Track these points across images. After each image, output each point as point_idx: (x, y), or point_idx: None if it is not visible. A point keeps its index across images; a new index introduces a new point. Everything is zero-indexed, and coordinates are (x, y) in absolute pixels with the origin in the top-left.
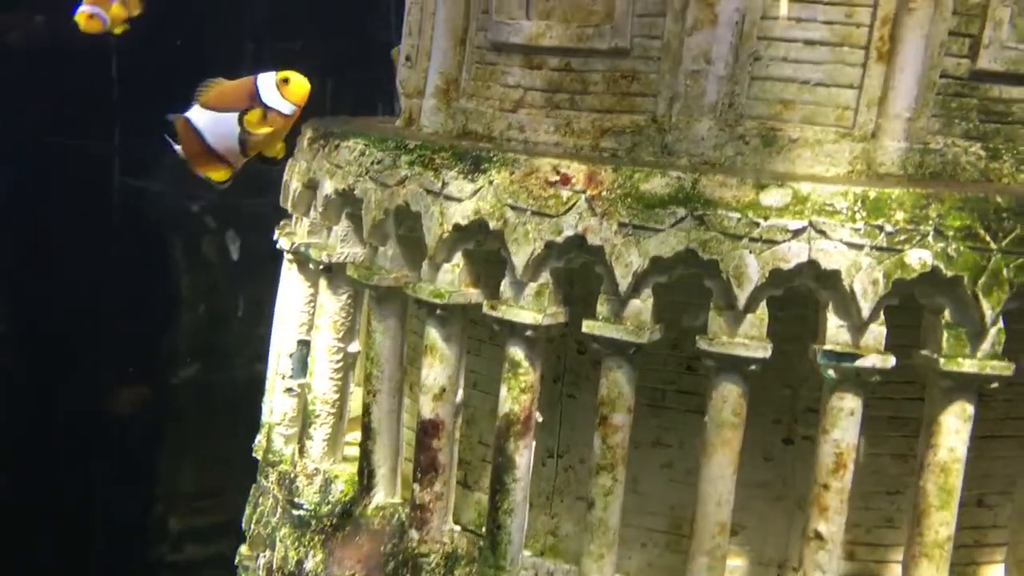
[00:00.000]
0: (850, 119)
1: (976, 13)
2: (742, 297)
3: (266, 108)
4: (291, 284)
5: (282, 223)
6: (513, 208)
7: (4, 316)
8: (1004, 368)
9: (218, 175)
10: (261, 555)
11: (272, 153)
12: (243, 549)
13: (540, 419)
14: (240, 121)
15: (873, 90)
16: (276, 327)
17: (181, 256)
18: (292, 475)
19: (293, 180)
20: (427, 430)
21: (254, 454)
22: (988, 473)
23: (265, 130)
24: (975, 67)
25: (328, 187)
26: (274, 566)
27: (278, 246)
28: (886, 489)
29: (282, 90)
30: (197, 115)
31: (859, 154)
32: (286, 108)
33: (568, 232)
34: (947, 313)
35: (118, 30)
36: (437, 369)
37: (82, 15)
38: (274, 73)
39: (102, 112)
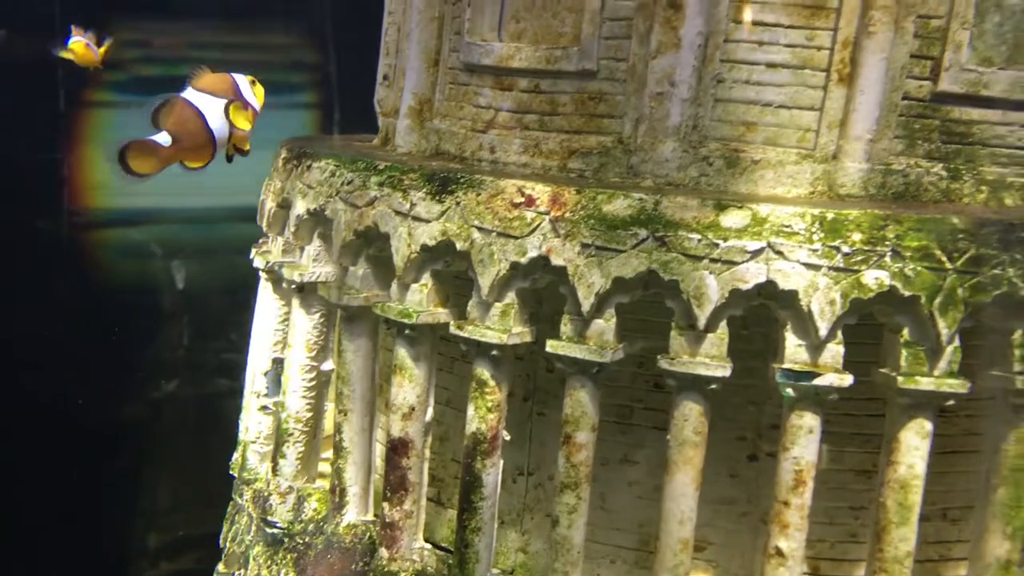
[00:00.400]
0: (812, 141)
1: (936, 36)
2: (702, 317)
3: (245, 103)
4: (266, 302)
5: (259, 242)
6: (479, 229)
7: None
8: (960, 386)
9: (199, 161)
10: (236, 574)
11: (245, 148)
12: (220, 567)
13: (507, 437)
14: (226, 111)
15: (834, 112)
16: (252, 345)
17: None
18: (266, 493)
19: (268, 199)
20: (396, 449)
21: (231, 471)
22: (952, 488)
23: (245, 123)
24: (936, 89)
25: (300, 207)
26: None
27: (254, 265)
28: (849, 504)
29: (252, 89)
30: (196, 96)
31: (821, 175)
32: (257, 106)
33: (532, 253)
34: (906, 332)
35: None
36: (407, 388)
37: (79, 45)
38: (243, 75)
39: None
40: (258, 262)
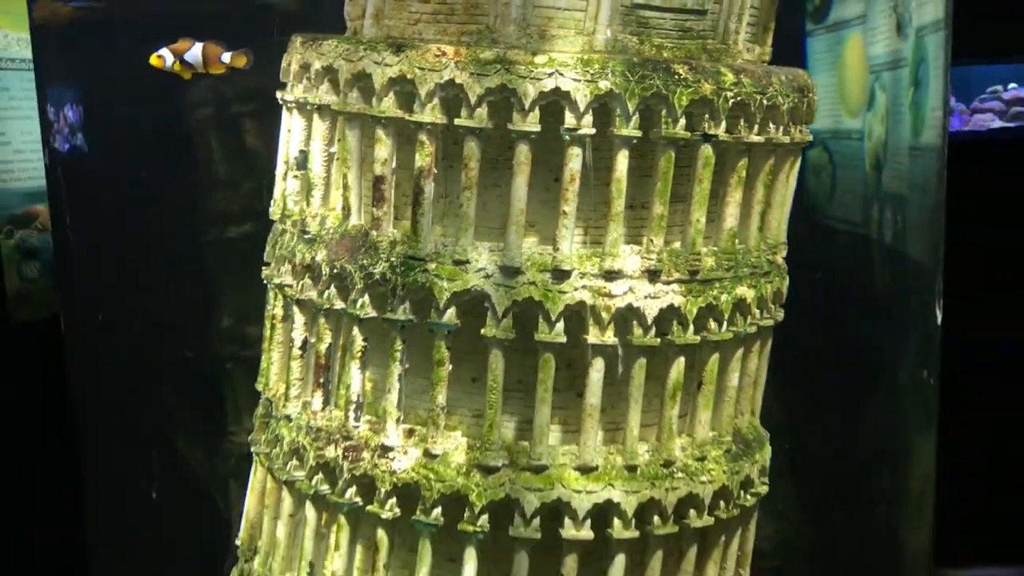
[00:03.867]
0: (582, 26)
1: None
2: (527, 103)
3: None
4: (294, 122)
5: (280, 92)
6: (419, 68)
7: None
8: (639, 134)
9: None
10: (281, 267)
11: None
12: (264, 272)
13: (436, 171)
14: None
15: (592, 11)
16: (280, 148)
17: None
18: (302, 217)
19: (292, 63)
20: (377, 182)
21: (270, 216)
22: (647, 186)
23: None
24: (630, 1)
25: (317, 64)
26: (296, 264)
27: (281, 101)
28: (603, 200)
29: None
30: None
31: (586, 43)
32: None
33: (446, 77)
34: (618, 111)
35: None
36: (382, 150)
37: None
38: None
39: None
40: (288, 98)
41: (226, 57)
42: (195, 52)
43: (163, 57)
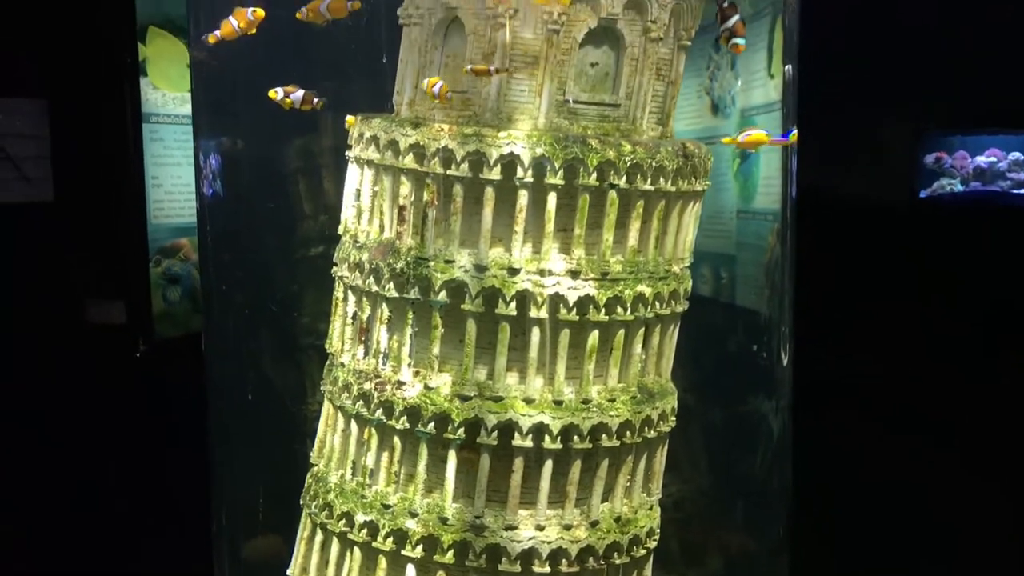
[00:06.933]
0: (533, 113)
1: (563, 79)
2: (492, 162)
3: None
4: (354, 170)
5: (347, 151)
6: (427, 138)
7: None
8: (560, 182)
9: None
10: (343, 265)
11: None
12: (333, 269)
13: (437, 204)
14: None
15: (538, 104)
16: (345, 188)
17: None
18: (355, 233)
19: (354, 132)
20: (401, 210)
21: (338, 232)
22: (572, 217)
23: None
24: (563, 98)
25: (368, 133)
26: (350, 262)
27: (347, 156)
28: (541, 225)
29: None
30: None
31: (533, 124)
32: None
33: (443, 144)
34: (548, 167)
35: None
36: (404, 189)
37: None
38: None
39: None
40: (351, 154)
41: (315, 100)
42: (298, 95)
43: (278, 92)
